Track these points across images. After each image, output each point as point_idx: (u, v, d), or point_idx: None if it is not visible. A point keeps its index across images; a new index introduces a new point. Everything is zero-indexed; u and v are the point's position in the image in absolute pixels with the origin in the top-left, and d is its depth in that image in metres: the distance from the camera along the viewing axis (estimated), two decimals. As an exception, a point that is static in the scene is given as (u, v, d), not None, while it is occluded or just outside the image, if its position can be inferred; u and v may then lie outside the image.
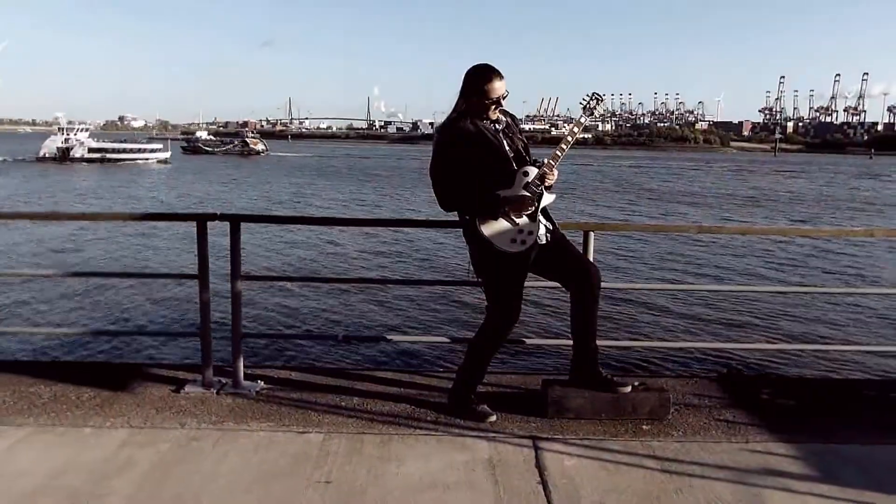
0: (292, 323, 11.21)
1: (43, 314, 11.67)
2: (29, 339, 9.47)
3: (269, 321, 11.09)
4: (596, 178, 60.47)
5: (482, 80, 3.14)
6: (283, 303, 12.36)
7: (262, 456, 2.89)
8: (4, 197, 33.07)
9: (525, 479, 2.74)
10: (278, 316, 11.52)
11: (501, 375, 3.89)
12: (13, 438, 3.01)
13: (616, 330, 10.47)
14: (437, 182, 3.16)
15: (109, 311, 11.79)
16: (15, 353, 8.67)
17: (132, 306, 12.12)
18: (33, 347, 9.08)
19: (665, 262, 18.40)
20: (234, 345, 3.64)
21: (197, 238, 3.54)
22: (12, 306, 12.06)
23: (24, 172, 51.27)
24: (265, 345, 8.56)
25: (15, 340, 9.38)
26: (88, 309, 12.00)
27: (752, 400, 3.72)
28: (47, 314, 11.67)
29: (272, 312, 11.65)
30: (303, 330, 10.86)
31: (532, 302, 10.29)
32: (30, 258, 17.12)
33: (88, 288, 13.03)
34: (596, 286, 3.32)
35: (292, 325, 11.06)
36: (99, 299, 12.48)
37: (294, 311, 11.91)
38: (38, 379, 3.68)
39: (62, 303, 12.36)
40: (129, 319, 11.33)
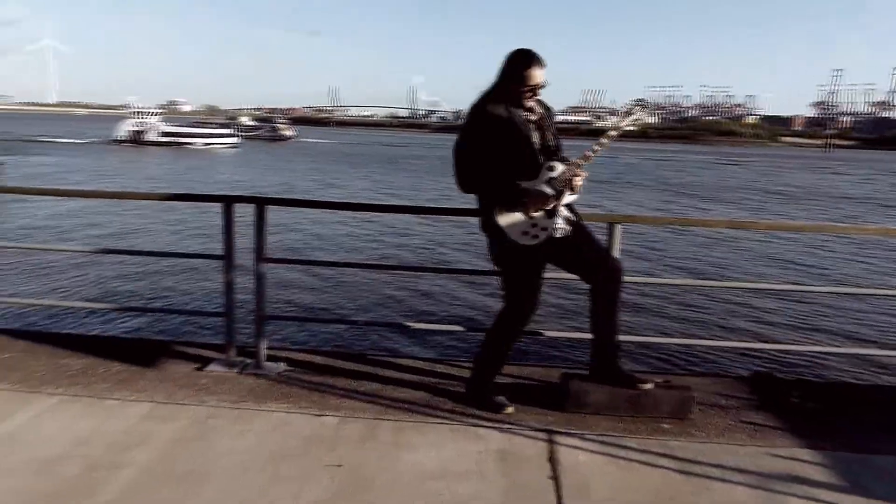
0: (315, 306, 11.34)
1: (76, 289, 12.11)
2: (64, 312, 9.80)
3: (293, 303, 11.24)
4: (633, 170, 59.33)
5: (522, 65, 3.03)
6: (307, 286, 12.52)
7: (276, 436, 2.92)
8: (94, 174, 34.22)
9: (536, 472, 2.71)
10: (302, 299, 11.66)
11: (522, 367, 3.84)
12: (42, 406, 3.10)
13: (643, 326, 10.29)
14: (459, 162, 3.09)
15: (140, 288, 12.17)
16: (50, 326, 8.98)
17: (161, 284, 12.47)
18: (68, 320, 9.39)
19: (696, 257, 17.99)
20: (256, 326, 3.68)
21: (223, 220, 3.58)
22: (48, 280, 12.56)
23: (106, 154, 53.15)
24: (289, 327, 8.71)
25: (51, 313, 9.73)
26: (120, 285, 12.38)
27: (783, 403, 3.60)
28: (81, 289, 12.11)
29: (296, 295, 11.81)
30: (325, 313, 10.97)
31: (557, 293, 10.20)
32: (63, 234, 17.71)
33: (119, 265, 13.46)
34: (617, 281, 3.24)
35: (315, 309, 11.18)
36: (130, 276, 12.88)
37: (317, 295, 12.06)
38: (71, 351, 3.79)
39: (95, 278, 12.80)
40: (157, 297, 11.66)
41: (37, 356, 3.72)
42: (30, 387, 3.31)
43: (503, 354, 3.35)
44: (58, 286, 12.16)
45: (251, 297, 3.74)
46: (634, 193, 37.78)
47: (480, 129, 3.05)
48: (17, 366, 3.57)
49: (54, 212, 20.63)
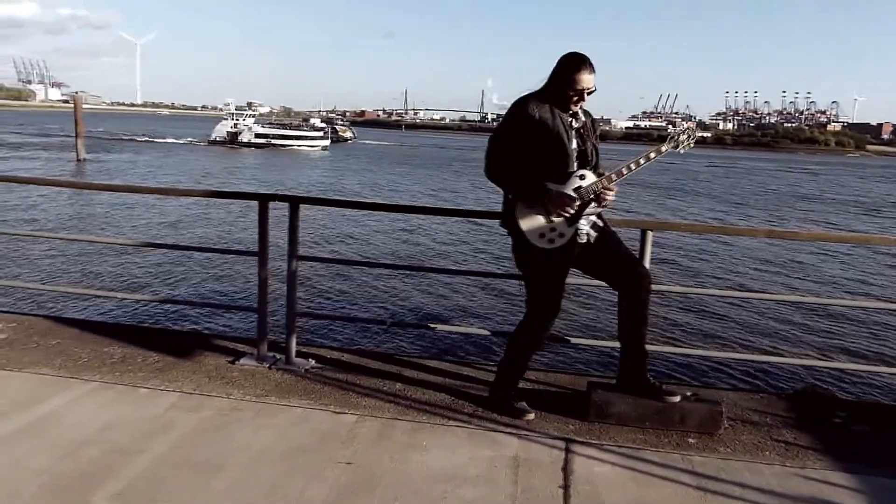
0: (347, 304, 11.49)
1: (120, 279, 12.73)
2: (109, 302, 10.28)
3: (325, 301, 11.43)
4: (706, 176, 57.48)
5: (572, 68, 2.97)
6: (338, 285, 12.70)
7: (294, 431, 2.96)
8: (200, 173, 36.43)
9: (547, 480, 2.65)
10: (334, 297, 11.85)
11: (548, 373, 3.78)
12: (79, 392, 3.25)
13: (678, 336, 9.99)
14: (492, 150, 3.03)
15: (179, 281, 12.66)
16: (96, 314, 9.42)
17: (200, 278, 12.93)
18: (112, 309, 9.85)
19: (737, 266, 17.28)
20: (288, 322, 3.75)
21: (258, 217, 3.67)
22: (93, 270, 13.28)
23: (206, 154, 55.55)
24: (320, 324, 8.85)
25: (98, 301, 10.21)
26: (160, 277, 12.91)
27: (822, 423, 3.41)
28: (124, 279, 12.72)
29: (329, 293, 12.01)
30: (356, 312, 11.10)
31: (585, 300, 10.00)
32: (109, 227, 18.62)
33: (158, 258, 14.01)
34: (645, 290, 3.14)
35: (346, 307, 11.33)
36: (169, 269, 13.40)
37: (349, 293, 12.22)
38: (113, 340, 3.96)
39: (137, 270, 13.41)
40: (196, 290, 12.09)
41: (83, 343, 3.90)
42: (70, 372, 3.47)
43: (525, 360, 3.30)
44: (103, 276, 12.85)
45: (284, 293, 3.81)
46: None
47: (519, 124, 2.99)
48: (64, 351, 3.76)
49: (112, 204, 21.58)
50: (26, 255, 14.02)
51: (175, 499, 2.41)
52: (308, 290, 11.78)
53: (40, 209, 20.56)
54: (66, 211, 20.72)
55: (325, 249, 16.87)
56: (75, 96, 45.26)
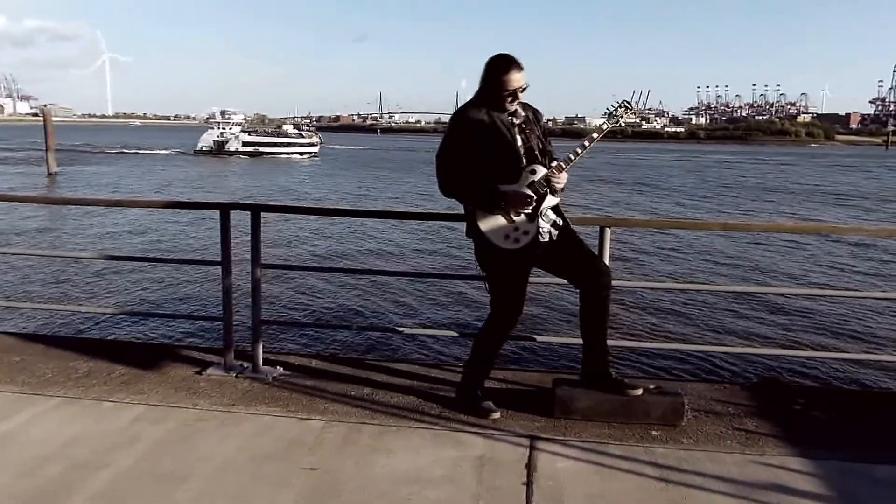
0: (314, 311, 11.45)
1: (85, 293, 12.58)
2: (74, 315, 10.16)
3: (292, 308, 11.40)
4: (678, 171, 58.13)
5: (500, 70, 3.01)
6: (304, 291, 12.69)
7: (260, 439, 2.96)
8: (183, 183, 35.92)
9: (511, 478, 2.67)
10: (301, 303, 11.81)
11: (515, 372, 3.82)
12: (42, 408, 3.22)
13: (641, 331, 10.13)
14: (440, 167, 3.09)
15: (145, 293, 12.55)
16: (62, 329, 9.31)
17: (166, 289, 12.81)
18: (78, 323, 9.74)
19: (699, 260, 17.52)
20: (253, 330, 3.74)
21: (220, 226, 3.65)
22: (58, 284, 13.12)
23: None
24: (288, 331, 8.81)
25: (63, 316, 10.08)
26: (126, 290, 12.81)
27: (783, 411, 3.48)
28: (89, 293, 12.56)
29: (295, 300, 11.99)
30: (323, 318, 11.08)
31: (550, 299, 10.07)
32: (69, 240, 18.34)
33: (124, 270, 13.91)
34: (605, 287, 3.19)
35: (313, 313, 11.30)
36: (135, 281, 13.31)
37: (316, 300, 12.20)
38: (79, 354, 3.92)
39: (102, 283, 13.24)
40: (162, 301, 11.98)
41: (48, 359, 3.86)
42: (34, 388, 3.44)
43: (490, 359, 3.33)
44: (66, 290, 12.68)
45: (249, 302, 3.80)
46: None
47: (461, 134, 3.05)
48: (27, 368, 3.71)
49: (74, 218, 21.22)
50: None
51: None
52: (274, 297, 11.75)
53: None
54: (27, 225, 20.20)
55: (289, 256, 16.81)
56: (45, 109, 44.53)
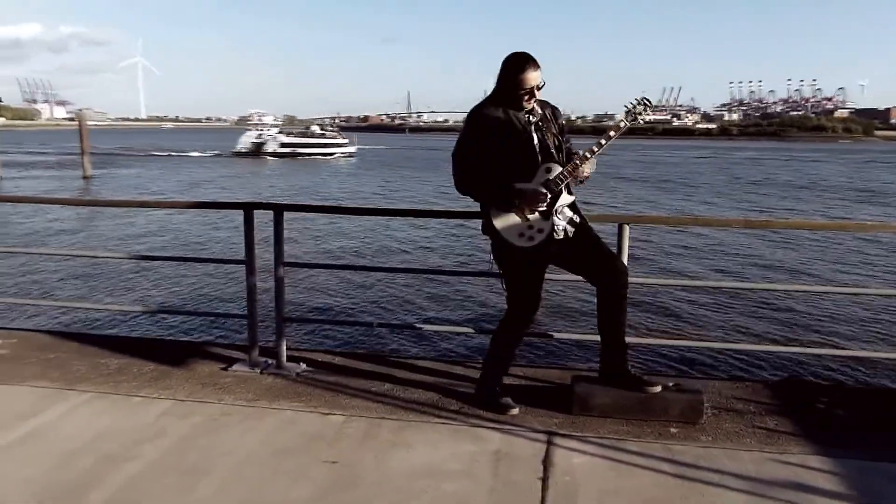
0: (337, 308, 11.63)
1: (115, 292, 12.98)
2: (106, 315, 10.46)
3: (316, 306, 11.58)
4: (707, 169, 57.14)
5: (516, 69, 3.03)
6: (327, 289, 12.87)
7: (282, 434, 3.03)
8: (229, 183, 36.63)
9: (527, 473, 2.70)
10: (325, 301, 12.00)
11: (535, 369, 3.85)
12: (74, 402, 3.34)
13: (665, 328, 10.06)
14: (457, 164, 3.12)
15: (173, 292, 12.87)
16: (94, 328, 9.57)
17: (192, 288, 13.12)
18: (109, 321, 10.05)
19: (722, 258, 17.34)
20: (277, 327, 3.82)
21: (244, 226, 3.74)
22: (89, 284, 13.55)
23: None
24: (313, 328, 8.98)
25: (95, 315, 10.38)
26: (154, 289, 13.17)
27: (806, 409, 3.44)
28: (120, 292, 12.97)
29: (319, 297, 12.19)
30: (345, 315, 11.22)
31: (568, 296, 10.01)
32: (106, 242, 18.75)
33: (152, 269, 14.30)
34: (622, 285, 3.20)
35: (336, 311, 11.47)
36: (163, 280, 13.65)
37: (340, 297, 12.39)
38: (110, 352, 4.04)
39: (132, 283, 13.66)
40: (189, 300, 12.28)
41: (81, 356, 3.99)
42: (67, 384, 3.56)
43: (508, 356, 3.36)
44: (99, 289, 13.11)
45: (273, 299, 3.88)
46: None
47: (477, 132, 3.08)
48: (62, 365, 3.84)
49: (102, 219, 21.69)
50: (24, 272, 14.24)
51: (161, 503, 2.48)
52: (298, 295, 11.92)
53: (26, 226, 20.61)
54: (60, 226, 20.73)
55: (313, 255, 17.03)
56: (80, 114, 45.63)
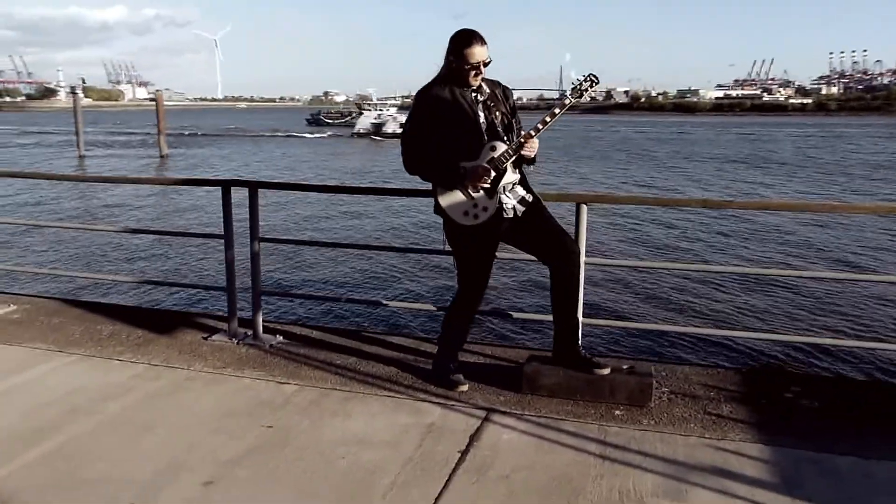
0: (315, 283, 12.10)
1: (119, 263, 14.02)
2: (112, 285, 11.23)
3: (291, 279, 12.07)
4: (789, 146, 54.14)
5: (461, 44, 3.08)
6: (305, 263, 13.37)
7: (233, 398, 3.27)
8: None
9: (450, 445, 2.83)
10: (298, 275, 12.50)
11: (494, 348, 3.95)
12: (61, 363, 3.70)
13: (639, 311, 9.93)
14: (403, 143, 3.22)
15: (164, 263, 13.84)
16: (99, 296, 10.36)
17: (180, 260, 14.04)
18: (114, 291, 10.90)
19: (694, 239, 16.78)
20: (253, 300, 4.06)
21: (222, 202, 3.98)
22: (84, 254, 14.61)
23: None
24: (293, 301, 9.36)
25: (101, 284, 11.10)
26: (147, 260, 14.22)
27: (771, 398, 3.40)
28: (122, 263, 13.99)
29: (294, 271, 12.72)
30: (323, 290, 11.65)
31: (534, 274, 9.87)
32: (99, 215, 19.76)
33: (143, 242, 15.31)
34: (573, 264, 3.25)
35: (315, 285, 11.95)
36: (155, 252, 14.66)
37: (318, 272, 12.89)
38: (107, 318, 4.41)
39: (124, 254, 14.73)
40: (187, 272, 13.09)
41: (80, 322, 4.37)
42: (60, 346, 3.93)
43: (460, 333, 3.47)
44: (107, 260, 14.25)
45: (250, 273, 4.13)
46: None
47: (423, 112, 3.17)
48: (61, 328, 4.23)
49: None
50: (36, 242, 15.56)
51: (105, 453, 2.76)
52: (276, 268, 12.55)
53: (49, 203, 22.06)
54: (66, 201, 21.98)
55: (295, 231, 17.69)
56: (158, 94, 47.63)
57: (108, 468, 2.66)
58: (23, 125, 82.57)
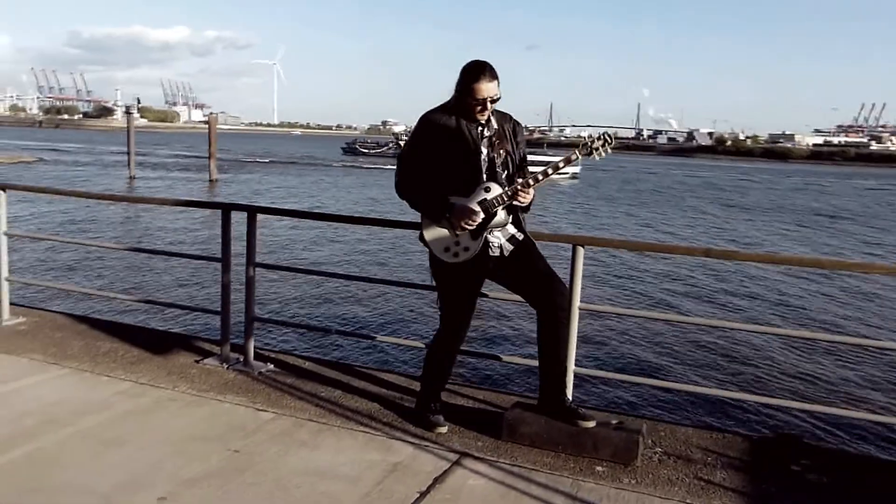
0: (313, 313, 12.39)
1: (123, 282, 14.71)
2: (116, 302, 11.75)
3: (285, 307, 12.46)
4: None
5: (471, 78, 3.21)
6: (298, 292, 13.72)
7: (208, 422, 3.48)
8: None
9: (411, 486, 2.95)
10: (294, 303, 12.89)
11: (485, 392, 4.06)
12: (52, 375, 4.01)
13: (649, 366, 9.77)
14: (399, 166, 3.39)
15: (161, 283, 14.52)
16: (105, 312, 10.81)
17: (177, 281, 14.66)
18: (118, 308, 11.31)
19: (711, 291, 16.33)
20: (246, 326, 4.31)
21: (222, 225, 4.27)
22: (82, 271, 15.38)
23: None
24: (286, 330, 9.73)
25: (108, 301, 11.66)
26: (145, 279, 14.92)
27: (776, 469, 3.39)
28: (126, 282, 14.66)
29: (289, 299, 13.11)
30: (319, 321, 11.91)
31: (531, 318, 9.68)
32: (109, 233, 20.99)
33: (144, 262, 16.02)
34: (560, 308, 3.35)
35: (311, 315, 12.23)
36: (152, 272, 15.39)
37: (315, 302, 13.26)
38: (108, 335, 4.75)
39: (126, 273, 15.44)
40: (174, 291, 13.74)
41: (82, 337, 4.71)
42: (56, 359, 4.25)
43: (442, 372, 3.60)
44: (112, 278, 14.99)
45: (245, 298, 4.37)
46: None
47: (423, 138, 3.33)
48: (62, 343, 4.57)
49: None
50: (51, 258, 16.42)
51: (70, 464, 3.00)
52: (272, 295, 12.98)
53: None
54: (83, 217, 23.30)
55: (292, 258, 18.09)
56: (211, 117, 49.81)
57: (71, 478, 2.89)
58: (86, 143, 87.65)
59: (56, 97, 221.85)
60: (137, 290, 13.65)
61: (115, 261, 16.32)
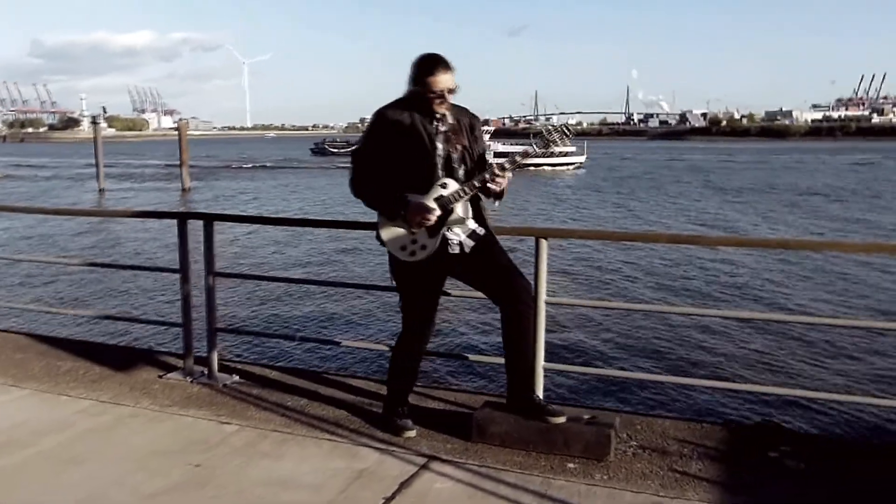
0: (274, 321, 12.59)
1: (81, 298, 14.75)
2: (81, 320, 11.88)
3: (248, 316, 12.61)
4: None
5: (425, 70, 3.24)
6: (261, 300, 13.95)
7: (170, 437, 3.52)
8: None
9: (377, 492, 2.99)
10: (257, 312, 13.09)
11: (455, 393, 4.12)
12: (13, 397, 4.04)
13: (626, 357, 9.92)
14: (353, 165, 3.41)
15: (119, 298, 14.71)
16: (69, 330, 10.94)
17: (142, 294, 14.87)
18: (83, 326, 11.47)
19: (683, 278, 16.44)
20: (209, 338, 4.34)
21: (178, 235, 4.29)
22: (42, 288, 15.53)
23: None
24: (251, 339, 9.82)
25: (47, 318, 11.73)
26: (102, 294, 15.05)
27: (755, 458, 3.44)
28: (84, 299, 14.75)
29: (252, 307, 13.30)
30: (283, 329, 12.10)
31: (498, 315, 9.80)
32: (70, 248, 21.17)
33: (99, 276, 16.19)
34: (523, 303, 3.39)
35: (273, 323, 12.41)
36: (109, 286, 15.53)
37: (270, 308, 13.46)
38: (69, 354, 4.77)
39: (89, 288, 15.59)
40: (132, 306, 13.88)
41: (43, 357, 4.73)
42: (17, 381, 4.28)
43: (408, 374, 3.63)
44: (52, 294, 15.11)
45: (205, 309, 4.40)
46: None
47: (376, 134, 3.35)
48: (23, 364, 4.60)
49: None
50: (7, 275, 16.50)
51: (29, 484, 3.04)
52: (234, 304, 13.12)
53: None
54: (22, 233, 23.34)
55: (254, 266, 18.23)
56: (181, 124, 49.56)
57: (30, 498, 2.94)
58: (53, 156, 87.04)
59: (20, 109, 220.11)
60: (101, 306, 13.74)
61: (76, 276, 16.38)
